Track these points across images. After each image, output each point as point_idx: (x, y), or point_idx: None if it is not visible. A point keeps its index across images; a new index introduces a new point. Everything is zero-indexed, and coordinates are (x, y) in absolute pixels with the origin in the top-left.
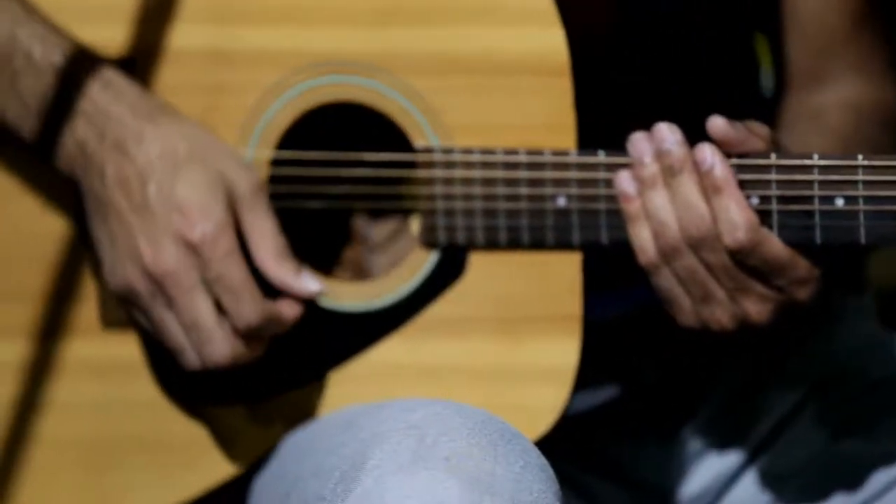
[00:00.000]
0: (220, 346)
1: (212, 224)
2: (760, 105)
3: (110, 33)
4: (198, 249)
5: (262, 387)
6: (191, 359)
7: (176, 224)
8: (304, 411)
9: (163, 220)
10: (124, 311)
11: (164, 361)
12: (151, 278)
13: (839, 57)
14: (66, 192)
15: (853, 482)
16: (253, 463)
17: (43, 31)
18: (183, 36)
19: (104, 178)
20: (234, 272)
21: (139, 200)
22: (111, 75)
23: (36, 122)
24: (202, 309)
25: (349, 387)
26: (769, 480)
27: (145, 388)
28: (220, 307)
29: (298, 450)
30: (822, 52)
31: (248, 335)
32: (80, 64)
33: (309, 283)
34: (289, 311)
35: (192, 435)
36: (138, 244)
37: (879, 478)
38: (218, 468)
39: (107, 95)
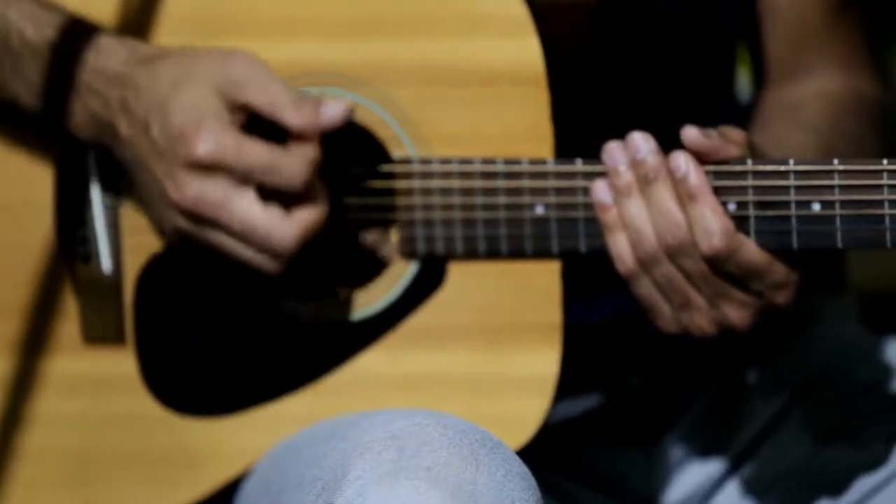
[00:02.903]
0: (283, 232)
1: (209, 133)
2: (736, 112)
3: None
4: (211, 164)
5: (245, 398)
6: (267, 264)
7: (182, 152)
8: (287, 422)
9: (171, 154)
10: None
11: (153, 372)
12: (186, 212)
13: (816, 49)
14: (46, 206)
15: (837, 488)
16: (237, 475)
17: (31, 8)
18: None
19: (120, 139)
20: (255, 155)
21: (150, 147)
22: (102, 40)
23: (46, 102)
24: (245, 211)
25: (332, 397)
26: (753, 487)
27: (128, 402)
28: (267, 197)
29: (281, 461)
30: (799, 43)
31: (308, 190)
32: (73, 36)
33: (333, 108)
34: (313, 150)
35: (175, 448)
36: (163, 187)
37: (863, 483)
38: (201, 481)
39: (101, 60)
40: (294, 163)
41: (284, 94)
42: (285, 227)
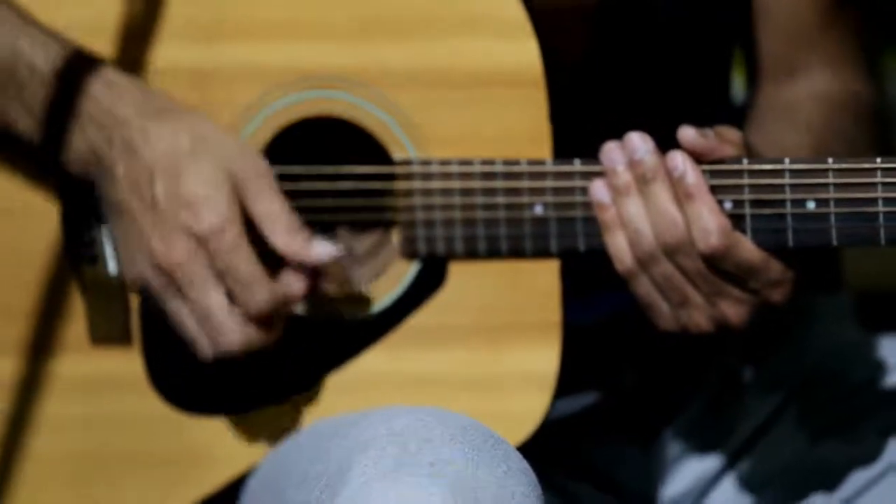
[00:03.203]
0: (232, 336)
1: (218, 216)
2: (733, 113)
3: (94, 51)
4: (206, 242)
5: (248, 398)
6: (204, 348)
7: (184, 219)
8: (291, 421)
9: (171, 216)
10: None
11: (159, 372)
12: (163, 272)
13: (811, 49)
14: (52, 209)
15: (832, 484)
16: (242, 473)
17: (43, 37)
18: (166, 53)
19: (115, 180)
20: (242, 262)
21: (149, 200)
22: (113, 75)
23: (45, 129)
24: (213, 300)
25: (334, 397)
26: (749, 484)
27: (134, 403)
28: (231, 296)
29: (284, 459)
30: (794, 44)
31: (260, 321)
32: (82, 67)
33: (320, 248)
34: (297, 286)
35: (181, 448)
36: (150, 241)
37: (858, 478)
38: (207, 480)
39: (111, 96)
40: (262, 296)
41: (282, 217)
42: (236, 332)
